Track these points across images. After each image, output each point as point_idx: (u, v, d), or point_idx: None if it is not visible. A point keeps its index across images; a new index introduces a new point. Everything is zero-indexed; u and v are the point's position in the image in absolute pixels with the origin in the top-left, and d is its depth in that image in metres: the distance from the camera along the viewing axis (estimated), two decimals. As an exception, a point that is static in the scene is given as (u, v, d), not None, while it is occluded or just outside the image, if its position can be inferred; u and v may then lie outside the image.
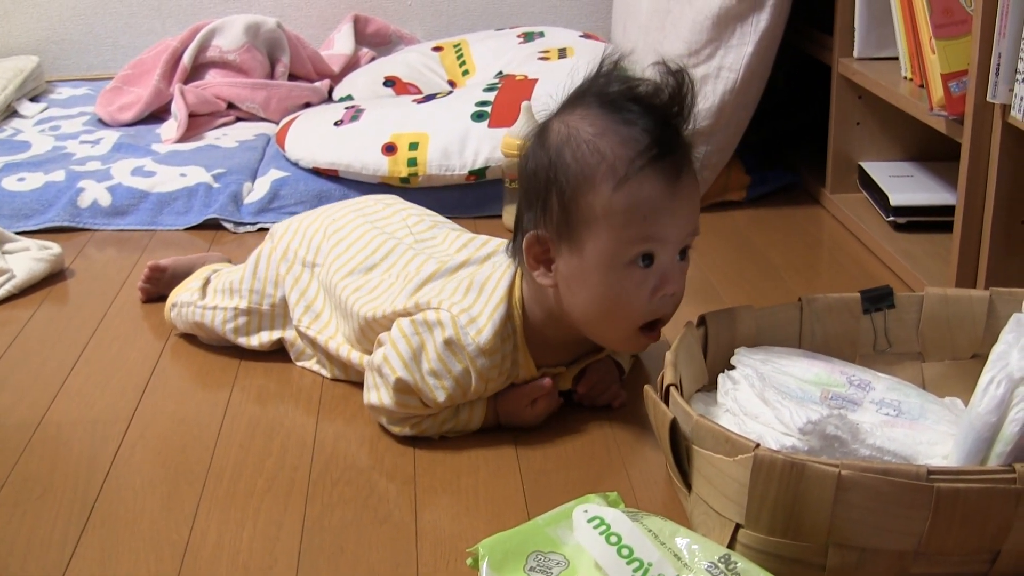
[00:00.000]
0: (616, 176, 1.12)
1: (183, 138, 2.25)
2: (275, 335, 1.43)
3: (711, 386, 1.20)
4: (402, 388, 1.20)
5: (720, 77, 1.89)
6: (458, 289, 1.24)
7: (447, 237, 1.38)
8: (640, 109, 1.14)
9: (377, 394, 1.23)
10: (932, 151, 1.93)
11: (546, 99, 1.22)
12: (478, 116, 2.00)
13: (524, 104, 1.70)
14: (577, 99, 1.18)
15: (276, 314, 1.43)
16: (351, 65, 2.60)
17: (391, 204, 1.46)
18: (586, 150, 1.13)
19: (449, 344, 1.20)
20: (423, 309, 1.23)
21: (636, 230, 1.13)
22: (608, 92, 1.16)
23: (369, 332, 1.29)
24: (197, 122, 2.32)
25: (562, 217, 1.15)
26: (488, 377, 1.22)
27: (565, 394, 1.30)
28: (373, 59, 2.64)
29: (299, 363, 1.42)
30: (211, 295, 1.46)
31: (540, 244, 1.18)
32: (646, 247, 1.14)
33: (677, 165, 1.14)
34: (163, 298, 1.56)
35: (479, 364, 1.20)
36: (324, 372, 1.40)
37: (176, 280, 1.56)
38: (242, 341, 1.44)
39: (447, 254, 1.33)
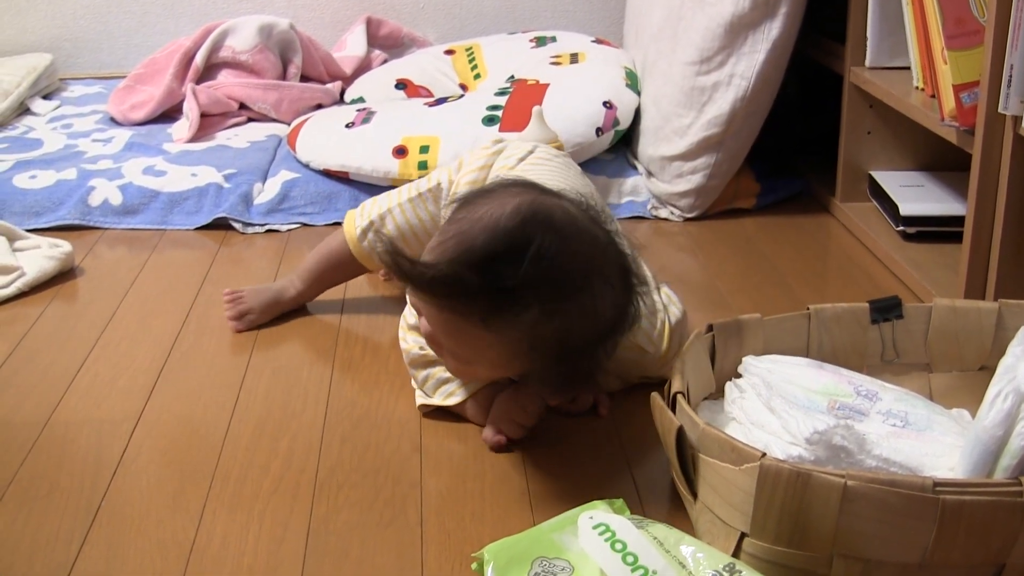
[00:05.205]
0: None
1: (194, 138, 2.26)
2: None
3: (718, 394, 1.20)
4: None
5: (732, 84, 1.89)
6: None
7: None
8: (517, 244, 1.08)
9: None
10: (943, 161, 1.92)
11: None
12: (489, 120, 2.01)
13: (535, 109, 1.70)
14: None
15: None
16: (363, 67, 2.60)
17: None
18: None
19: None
20: None
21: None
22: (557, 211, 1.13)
23: None
24: (209, 122, 2.33)
25: None
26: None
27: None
28: (385, 61, 2.64)
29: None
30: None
31: None
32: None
33: (441, 295, 1.10)
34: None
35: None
36: None
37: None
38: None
39: None
